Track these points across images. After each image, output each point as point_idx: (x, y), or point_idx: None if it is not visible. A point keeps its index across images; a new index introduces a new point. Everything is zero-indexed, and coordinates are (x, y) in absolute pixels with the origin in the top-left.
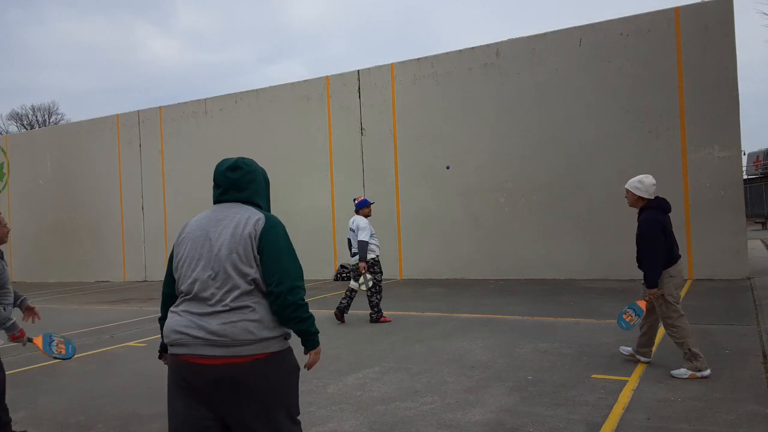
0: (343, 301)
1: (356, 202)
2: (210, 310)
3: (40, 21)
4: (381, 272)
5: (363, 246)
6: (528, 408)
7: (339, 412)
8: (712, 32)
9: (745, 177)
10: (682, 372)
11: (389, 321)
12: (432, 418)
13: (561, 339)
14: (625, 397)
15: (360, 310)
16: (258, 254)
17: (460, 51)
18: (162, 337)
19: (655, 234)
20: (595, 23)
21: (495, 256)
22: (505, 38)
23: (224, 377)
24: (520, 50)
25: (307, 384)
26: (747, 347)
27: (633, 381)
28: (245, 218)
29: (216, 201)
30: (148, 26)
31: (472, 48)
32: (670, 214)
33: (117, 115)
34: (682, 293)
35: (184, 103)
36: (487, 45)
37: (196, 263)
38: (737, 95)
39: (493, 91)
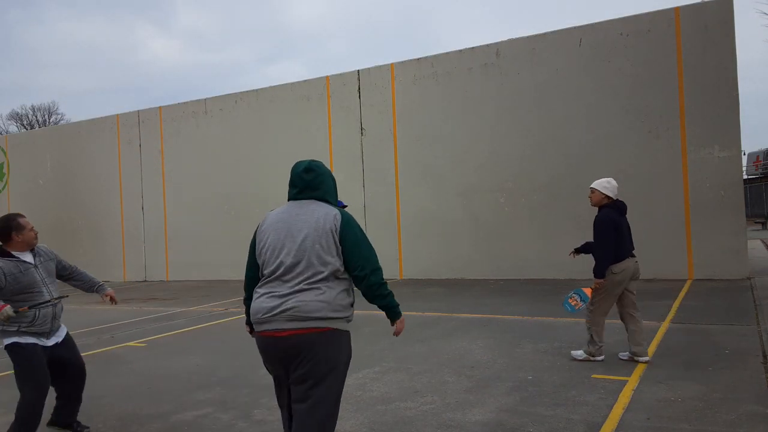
0: None
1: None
2: (289, 291)
3: (40, 21)
4: None
5: None
6: (528, 408)
7: (339, 412)
8: (712, 32)
9: (745, 177)
10: (579, 353)
11: None
12: (432, 418)
13: (561, 339)
14: (625, 397)
15: (359, 310)
16: (340, 245)
17: (460, 51)
18: (247, 315)
19: (606, 230)
20: (595, 23)
21: (495, 256)
22: (505, 38)
23: (294, 345)
24: (520, 50)
25: None
26: (747, 347)
27: (633, 381)
28: (323, 214)
29: (292, 198)
30: (148, 26)
31: (472, 48)
32: (634, 217)
33: (117, 115)
34: (682, 293)
35: (184, 103)
36: (487, 45)
37: (279, 251)
38: (737, 95)
39: (493, 91)
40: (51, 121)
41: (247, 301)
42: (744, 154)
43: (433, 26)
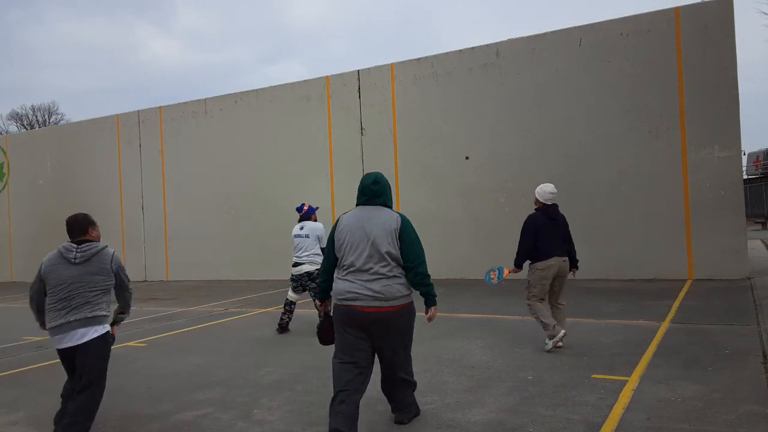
0: (283, 317)
1: (306, 208)
2: (372, 277)
3: (40, 21)
4: None
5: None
6: (528, 408)
7: None
8: (712, 32)
9: (745, 177)
10: (548, 344)
11: None
12: (432, 418)
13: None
14: (625, 397)
15: None
16: (399, 242)
17: (460, 51)
18: (321, 292)
19: (526, 231)
20: (595, 23)
21: (495, 256)
22: (505, 38)
23: (379, 319)
24: (520, 50)
25: (307, 384)
26: (747, 347)
27: (633, 381)
28: (388, 218)
29: (362, 204)
30: (148, 26)
31: (472, 48)
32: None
33: (117, 115)
34: (682, 293)
35: (184, 103)
36: (487, 45)
37: (356, 247)
38: (737, 95)
39: (493, 91)
40: (51, 121)
41: (323, 283)
42: (744, 154)
43: (433, 26)
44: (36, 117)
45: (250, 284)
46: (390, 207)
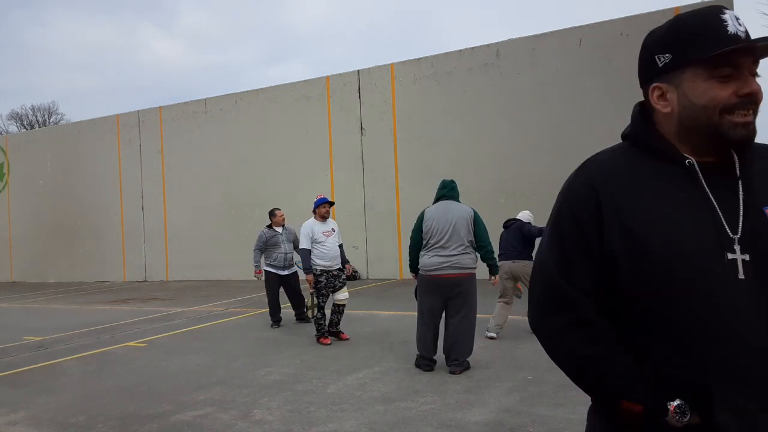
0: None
1: (316, 198)
2: (451, 253)
3: (42, 22)
4: (325, 287)
5: (305, 255)
6: (528, 408)
7: (339, 412)
8: None
9: None
10: (487, 331)
11: (329, 343)
12: (432, 418)
13: None
14: None
15: (359, 310)
16: (473, 228)
17: (460, 51)
18: (414, 267)
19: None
20: (595, 23)
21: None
22: (505, 38)
23: (454, 282)
24: (520, 50)
25: (307, 384)
26: None
27: None
28: (464, 210)
29: (440, 197)
30: (150, 27)
31: (472, 48)
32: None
33: (117, 115)
34: None
35: (184, 103)
36: (487, 45)
37: (441, 230)
38: None
39: (493, 91)
40: (51, 121)
41: (414, 261)
42: None
43: (433, 26)
44: (36, 117)
45: (250, 284)
46: (459, 201)
